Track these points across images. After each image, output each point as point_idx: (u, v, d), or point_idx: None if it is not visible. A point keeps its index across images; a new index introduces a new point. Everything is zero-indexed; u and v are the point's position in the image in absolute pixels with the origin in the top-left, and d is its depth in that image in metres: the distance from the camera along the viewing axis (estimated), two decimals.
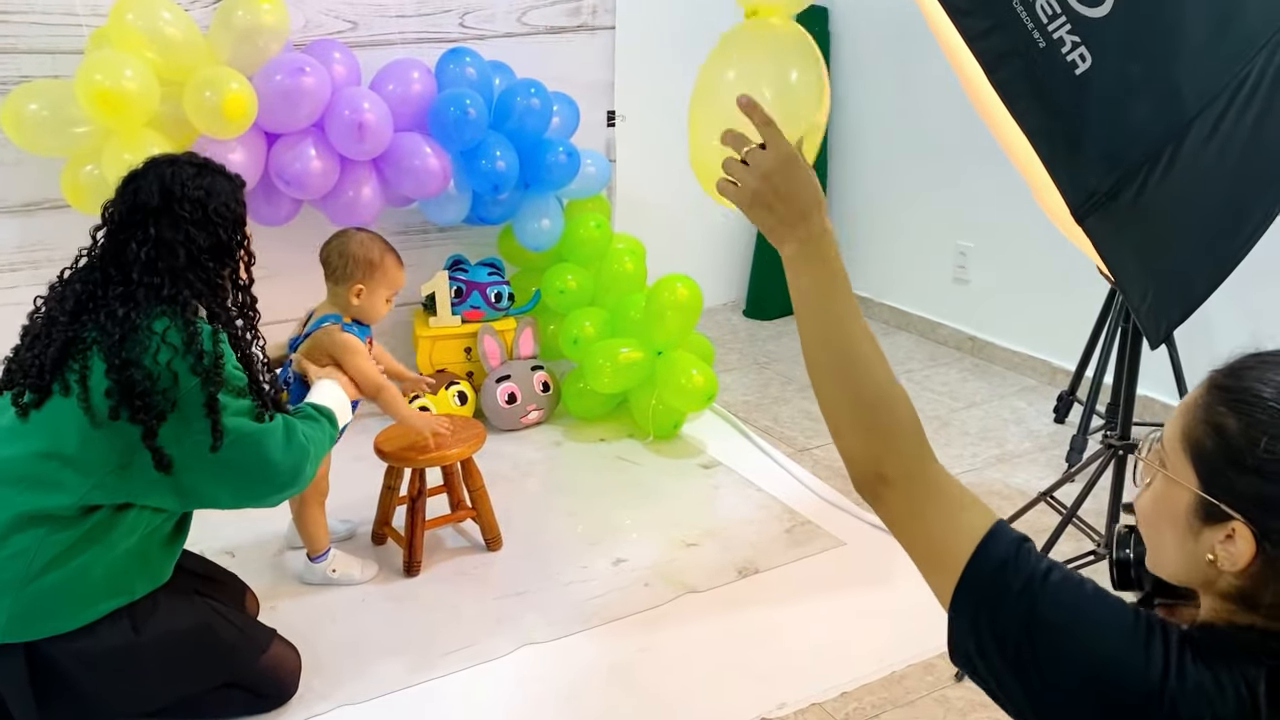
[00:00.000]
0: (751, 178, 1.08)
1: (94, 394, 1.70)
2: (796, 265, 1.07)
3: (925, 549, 0.99)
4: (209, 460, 1.76)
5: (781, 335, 4.08)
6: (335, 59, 2.85)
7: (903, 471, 1.00)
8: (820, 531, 2.65)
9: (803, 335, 1.07)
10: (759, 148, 1.08)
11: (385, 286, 2.35)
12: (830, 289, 1.05)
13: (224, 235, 1.82)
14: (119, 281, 1.75)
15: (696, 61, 4.00)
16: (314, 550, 2.40)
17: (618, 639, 2.23)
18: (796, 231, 1.06)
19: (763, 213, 1.08)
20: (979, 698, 2.06)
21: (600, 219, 3.31)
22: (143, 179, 1.81)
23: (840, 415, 1.03)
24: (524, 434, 3.22)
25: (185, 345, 1.72)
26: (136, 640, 1.78)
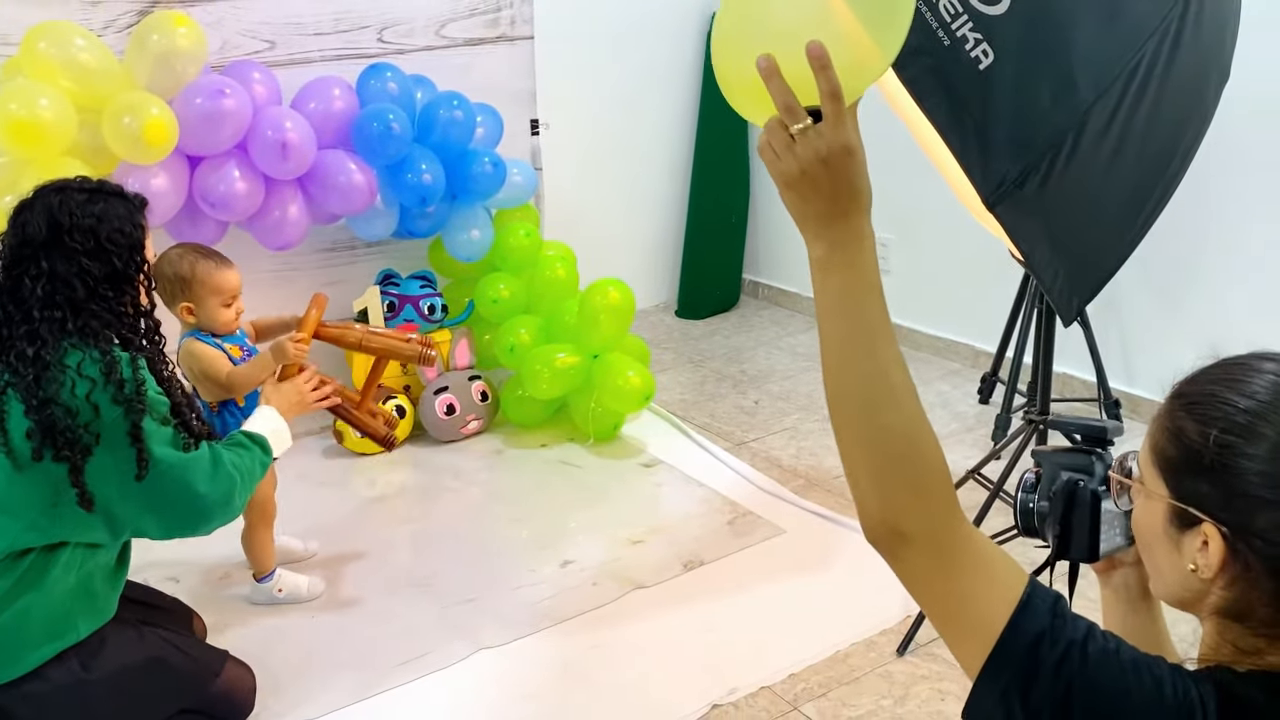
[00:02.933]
0: (796, 161, 0.88)
1: (14, 436, 1.66)
2: (825, 269, 0.90)
3: (950, 613, 0.89)
4: (135, 490, 1.72)
5: (714, 334, 4.15)
6: (255, 79, 2.84)
7: (927, 530, 0.88)
8: (761, 521, 2.72)
9: (824, 354, 0.92)
10: (813, 120, 0.87)
11: (212, 294, 2.24)
12: (861, 301, 0.89)
13: (119, 263, 1.75)
14: (20, 320, 1.69)
15: (616, 67, 4.07)
16: (260, 571, 2.39)
17: (570, 638, 2.27)
18: (832, 230, 0.90)
19: (797, 199, 0.91)
20: (920, 671, 2.15)
21: (529, 227, 3.34)
22: (30, 210, 1.74)
23: (857, 456, 0.90)
24: (465, 444, 3.23)
25: (104, 376, 1.68)
26: (86, 679, 1.75)
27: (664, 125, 4.29)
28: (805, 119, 0.87)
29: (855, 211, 0.90)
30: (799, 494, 2.84)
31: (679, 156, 4.35)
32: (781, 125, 0.88)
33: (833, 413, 0.92)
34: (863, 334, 0.89)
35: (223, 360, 2.25)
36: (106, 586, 1.85)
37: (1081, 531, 1.09)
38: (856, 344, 0.89)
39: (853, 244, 0.90)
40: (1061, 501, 1.10)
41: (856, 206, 0.90)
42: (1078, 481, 1.09)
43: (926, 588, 0.90)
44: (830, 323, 0.91)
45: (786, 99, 0.87)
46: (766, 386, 3.62)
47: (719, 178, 4.29)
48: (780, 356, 3.88)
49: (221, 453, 1.86)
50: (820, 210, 0.90)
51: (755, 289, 4.51)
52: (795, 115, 0.87)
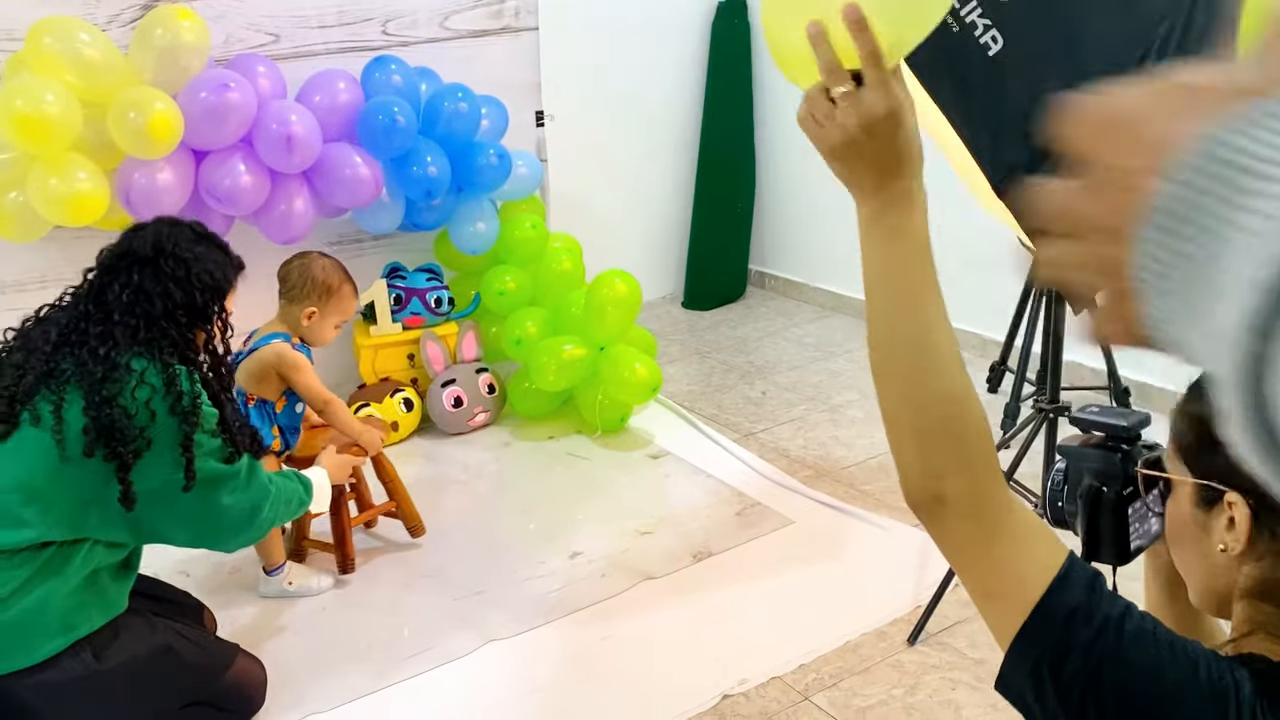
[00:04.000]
0: (839, 128, 0.86)
1: (69, 428, 1.71)
2: (872, 229, 0.89)
3: (986, 581, 0.88)
4: (176, 499, 1.79)
5: (720, 325, 4.14)
6: (260, 73, 2.83)
7: (968, 494, 0.87)
8: (770, 512, 2.72)
9: (870, 316, 0.90)
10: (855, 84, 0.85)
11: (337, 314, 2.45)
12: (908, 263, 0.89)
13: (200, 299, 1.89)
14: (98, 320, 1.79)
15: (621, 58, 4.06)
16: (269, 564, 2.40)
17: (579, 629, 2.27)
18: (879, 193, 0.88)
19: (843, 166, 0.89)
20: (931, 661, 2.14)
21: (535, 219, 3.34)
22: (141, 231, 1.90)
23: (901, 420, 0.89)
24: (472, 436, 3.23)
25: (165, 385, 1.77)
26: (99, 669, 1.77)
27: (669, 116, 4.28)
28: (848, 82, 0.85)
29: (904, 175, 0.88)
30: (807, 484, 2.84)
31: (685, 147, 4.34)
32: (823, 92, 0.86)
33: (877, 376, 0.91)
34: (911, 297, 0.88)
35: (316, 377, 2.41)
36: (115, 582, 1.86)
37: (1109, 536, 1.08)
38: (904, 307, 0.88)
39: (903, 206, 0.88)
40: (1086, 507, 1.09)
41: (905, 170, 0.88)
42: (1100, 489, 1.08)
43: (964, 554, 0.89)
44: (877, 285, 0.89)
45: (830, 63, 0.85)
46: (774, 377, 3.61)
47: (725, 168, 4.28)
48: (787, 347, 3.87)
49: (259, 469, 1.94)
50: (866, 175, 0.88)
51: (762, 280, 4.50)
52: (837, 77, 0.85)
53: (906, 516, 2.60)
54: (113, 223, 2.72)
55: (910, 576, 2.40)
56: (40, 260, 2.83)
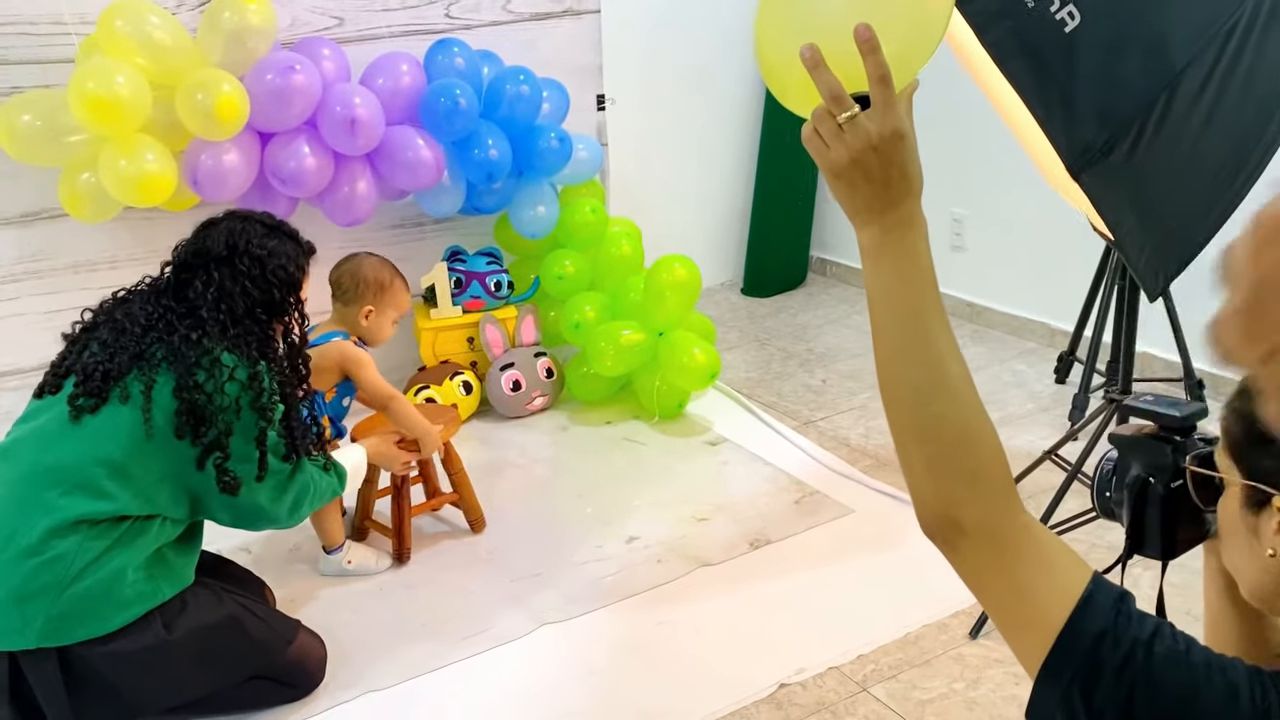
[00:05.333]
0: (845, 149, 0.86)
1: (158, 408, 1.78)
2: (875, 256, 0.88)
3: (1008, 609, 0.86)
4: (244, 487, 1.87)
5: (780, 312, 4.09)
6: (324, 55, 2.85)
7: (985, 522, 0.85)
8: (829, 501, 2.68)
9: (876, 343, 0.90)
10: (860, 107, 0.85)
11: (393, 309, 2.48)
12: (914, 290, 0.87)
13: (277, 295, 1.96)
14: (184, 314, 1.87)
15: (684, 41, 4.02)
16: (329, 543, 2.42)
17: (635, 614, 2.26)
18: (882, 217, 0.87)
19: (847, 188, 0.88)
20: (994, 655, 2.10)
21: (595, 203, 3.32)
22: (214, 228, 1.96)
23: (910, 445, 0.87)
24: (530, 420, 3.24)
25: (249, 380, 1.84)
26: (168, 638, 1.81)
27: (732, 100, 4.23)
28: (853, 107, 0.85)
29: (907, 197, 0.87)
30: (868, 474, 2.79)
31: (747, 132, 4.30)
32: (829, 115, 0.86)
33: (886, 403, 0.90)
34: (916, 321, 0.87)
35: (378, 374, 2.41)
36: (179, 556, 1.90)
37: (1153, 530, 1.04)
38: (909, 332, 0.87)
39: (905, 230, 0.88)
40: (1132, 499, 1.05)
41: (908, 192, 0.87)
42: (1148, 480, 1.04)
43: (984, 582, 0.87)
44: (882, 310, 0.89)
45: (833, 88, 0.85)
46: (835, 365, 3.56)
47: (787, 153, 4.22)
48: (849, 335, 3.81)
49: (306, 464, 2.00)
50: (871, 198, 0.88)
51: (823, 266, 4.44)
52: (843, 104, 0.85)
53: None
54: (180, 203, 2.77)
55: None
56: (110, 241, 2.89)
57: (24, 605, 1.69)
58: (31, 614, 1.69)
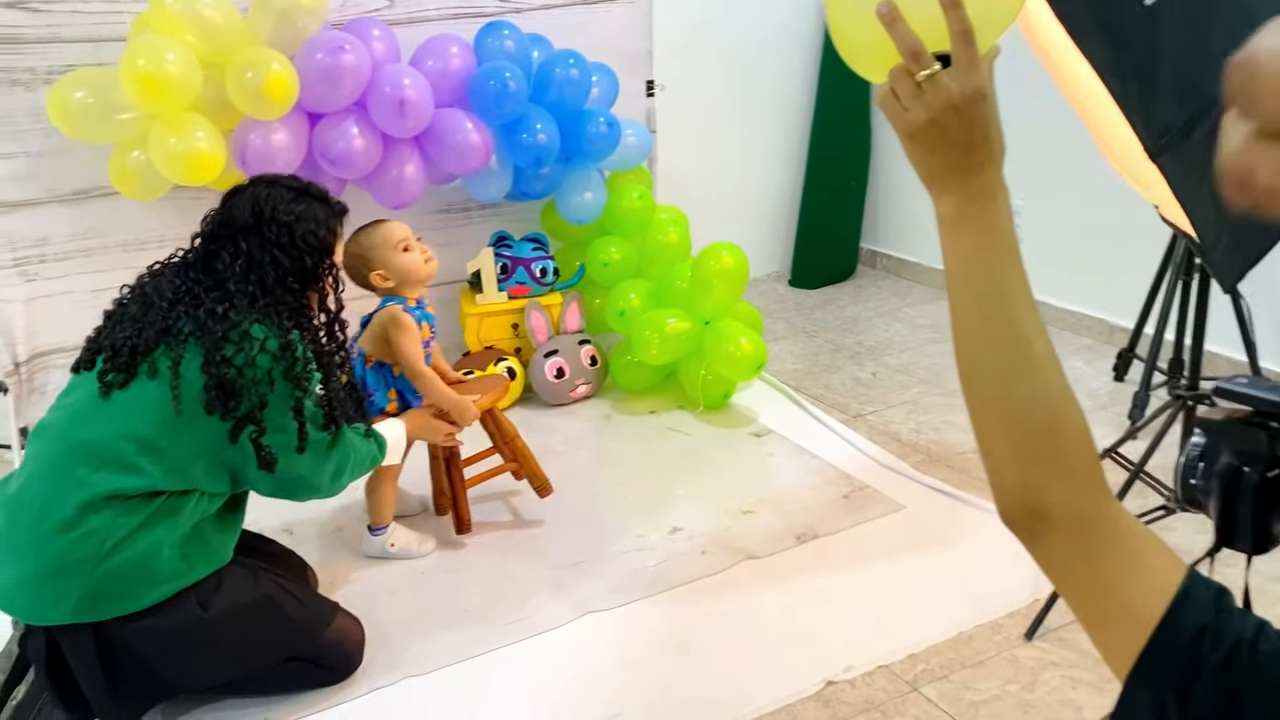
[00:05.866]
0: (925, 109, 0.81)
1: (186, 384, 1.74)
2: (955, 226, 0.83)
3: (1096, 604, 0.81)
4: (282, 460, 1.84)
5: (828, 304, 4.02)
6: (374, 36, 2.83)
7: (1072, 510, 0.79)
8: (878, 496, 2.61)
9: (955, 320, 0.84)
10: (941, 65, 0.80)
11: (385, 248, 2.31)
12: (997, 262, 0.82)
13: (309, 261, 1.90)
14: (212, 287, 1.82)
15: (735, 28, 3.96)
16: (376, 522, 2.41)
17: (679, 606, 2.22)
18: (963, 184, 0.82)
19: (924, 152, 0.83)
20: (1049, 657, 2.03)
21: (642, 190, 3.28)
22: (239, 196, 1.91)
23: (993, 430, 0.82)
24: (573, 408, 3.20)
25: (281, 351, 1.79)
26: (203, 617, 1.79)
27: (782, 87, 4.17)
28: (933, 64, 0.80)
29: (988, 163, 0.82)
30: (919, 469, 2.72)
31: (797, 119, 4.23)
32: (907, 72, 0.82)
33: (965, 384, 0.84)
34: (999, 297, 0.82)
35: (418, 347, 2.32)
36: (218, 533, 1.88)
37: (1245, 522, 0.97)
38: (992, 308, 0.82)
39: (986, 199, 0.82)
40: (1222, 488, 0.98)
41: (990, 158, 0.82)
42: (1240, 468, 0.97)
43: (1069, 574, 0.81)
44: (962, 285, 0.84)
45: (912, 44, 0.80)
46: (885, 359, 3.49)
47: (838, 142, 4.16)
48: (900, 328, 3.74)
49: (346, 434, 1.96)
50: (950, 164, 0.83)
51: (874, 259, 4.36)
52: (922, 61, 0.80)
53: None
54: (228, 183, 2.72)
55: (1027, 568, 2.24)
56: (158, 220, 2.89)
57: (58, 581, 1.68)
58: (65, 589, 1.68)
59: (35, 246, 2.82)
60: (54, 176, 2.78)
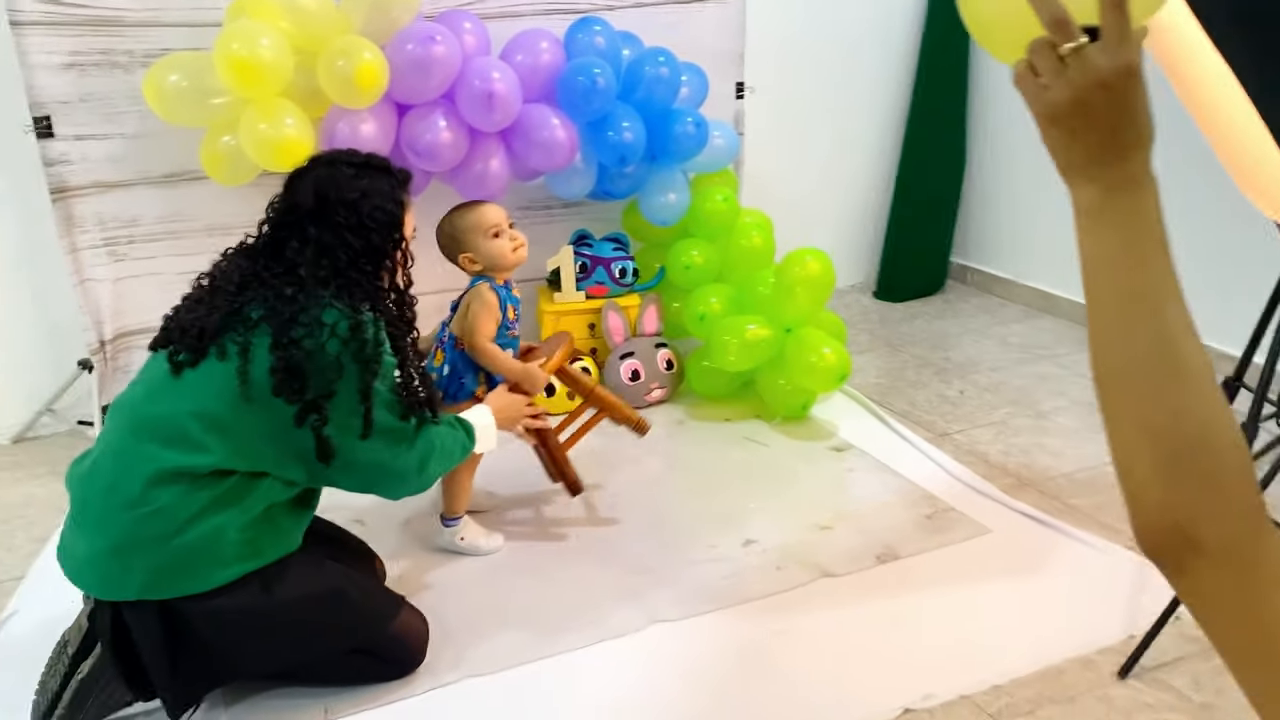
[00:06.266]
0: (1068, 87, 0.73)
1: (254, 367, 1.71)
2: (1097, 219, 0.75)
3: (1248, 643, 0.72)
4: (350, 447, 1.78)
5: (915, 318, 3.90)
6: (466, 29, 2.82)
7: (1227, 539, 0.71)
8: (963, 518, 2.50)
9: (1095, 323, 0.76)
10: (1088, 38, 0.73)
11: (476, 233, 2.31)
12: (1145, 258, 0.74)
13: (377, 239, 1.84)
14: (282, 271, 1.78)
15: (830, 31, 3.87)
16: (450, 512, 2.38)
17: (750, 620, 2.14)
18: (1108, 172, 0.75)
19: (1066, 136, 0.75)
20: (1145, 699, 1.90)
21: (727, 192, 3.21)
22: (301, 180, 1.86)
23: (1135, 444, 0.73)
24: (647, 412, 3.14)
25: (351, 333, 1.74)
26: (267, 602, 1.76)
27: (875, 93, 4.06)
28: (1080, 36, 0.73)
29: (1137, 148, 0.75)
30: (1008, 493, 2.60)
31: (889, 128, 4.12)
32: (1049, 46, 0.74)
33: (1103, 391, 0.77)
34: (1146, 297, 0.74)
35: (488, 325, 2.29)
36: (290, 520, 1.85)
37: None
38: (1139, 308, 0.74)
39: (1133, 188, 0.75)
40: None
41: (1138, 142, 0.75)
42: None
43: (1219, 611, 0.73)
44: (1104, 283, 0.76)
45: (1056, 12, 0.73)
46: (973, 377, 3.36)
47: (932, 152, 4.04)
48: (989, 346, 3.60)
49: (430, 426, 1.90)
50: (1094, 148, 0.75)
51: (964, 273, 4.23)
52: (1068, 32, 0.73)
53: (1121, 536, 2.34)
54: None
55: (1124, 602, 2.15)
56: (246, 206, 2.87)
57: (126, 556, 1.67)
58: (133, 565, 1.67)
59: (125, 227, 2.86)
60: (146, 159, 2.82)
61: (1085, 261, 0.77)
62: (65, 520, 1.79)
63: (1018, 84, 0.78)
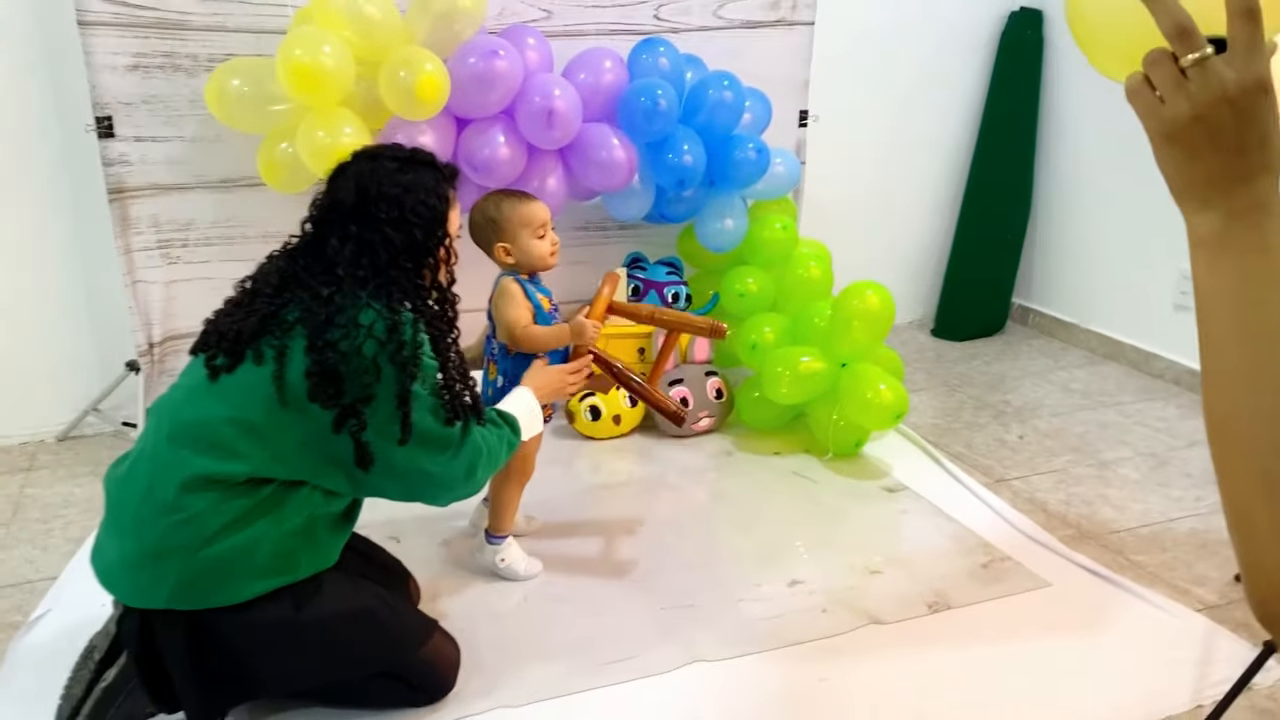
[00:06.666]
0: (1188, 102, 0.67)
1: (291, 371, 1.65)
2: (1218, 248, 0.69)
3: None
4: (391, 454, 1.70)
5: (974, 357, 3.79)
6: (529, 44, 2.79)
7: None
8: (1021, 569, 2.39)
9: (1208, 360, 0.71)
10: (1214, 50, 0.67)
11: (522, 227, 2.20)
12: (1270, 293, 0.68)
13: (420, 235, 1.76)
14: (321, 270, 1.72)
15: (898, 62, 3.81)
16: (496, 529, 2.32)
17: (794, 665, 2.04)
18: (1231, 197, 0.68)
19: (1185, 156, 0.69)
20: None
21: (786, 221, 3.14)
22: (343, 175, 1.79)
23: (1255, 501, 0.67)
24: (694, 441, 3.07)
25: (388, 335, 1.66)
26: (297, 618, 1.71)
27: (942, 128, 3.98)
28: (1204, 46, 0.67)
29: (1264, 172, 0.68)
30: (1068, 545, 2.49)
31: (955, 163, 4.03)
32: (1168, 58, 0.68)
33: (1218, 439, 0.71)
34: (1272, 337, 0.67)
35: (525, 311, 2.20)
36: (330, 534, 1.79)
37: None
38: (1262, 349, 0.68)
39: (1259, 214, 0.68)
40: None
41: (1266, 164, 0.68)
42: None
43: None
44: (1222, 320, 0.69)
45: (1179, 20, 0.67)
46: (1033, 422, 3.25)
47: (997, 190, 3.94)
48: (1051, 391, 3.48)
49: (474, 429, 1.82)
50: (1215, 170, 0.68)
51: (1025, 315, 4.11)
52: (1191, 41, 0.67)
53: (1186, 597, 2.21)
54: None
55: (1190, 669, 2.03)
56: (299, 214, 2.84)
57: (158, 563, 1.63)
58: (164, 573, 1.62)
59: (180, 231, 2.86)
60: (204, 163, 2.82)
61: (1201, 296, 0.71)
62: (101, 523, 1.75)
63: (1131, 99, 0.71)
